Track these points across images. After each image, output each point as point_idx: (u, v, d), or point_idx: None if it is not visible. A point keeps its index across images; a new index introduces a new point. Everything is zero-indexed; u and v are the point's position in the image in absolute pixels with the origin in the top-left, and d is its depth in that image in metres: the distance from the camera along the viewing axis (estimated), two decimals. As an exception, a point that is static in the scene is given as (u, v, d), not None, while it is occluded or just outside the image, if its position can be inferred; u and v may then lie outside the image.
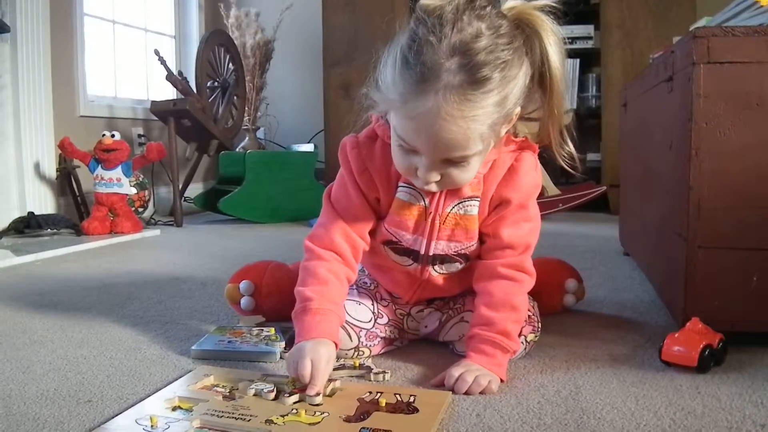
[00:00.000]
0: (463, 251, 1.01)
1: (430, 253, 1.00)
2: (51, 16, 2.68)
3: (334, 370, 0.96)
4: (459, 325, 1.06)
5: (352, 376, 0.97)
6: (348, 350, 1.03)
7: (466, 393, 0.89)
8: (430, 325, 1.10)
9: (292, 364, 0.88)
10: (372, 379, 0.96)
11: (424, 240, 0.99)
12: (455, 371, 0.92)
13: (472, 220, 0.98)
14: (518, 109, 0.89)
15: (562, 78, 0.94)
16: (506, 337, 0.95)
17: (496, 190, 0.97)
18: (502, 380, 0.93)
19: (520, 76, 0.85)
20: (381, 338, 1.07)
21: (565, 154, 0.98)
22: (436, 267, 1.03)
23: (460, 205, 0.97)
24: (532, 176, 0.98)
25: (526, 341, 1.03)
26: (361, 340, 1.03)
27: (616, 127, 2.63)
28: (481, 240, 1.01)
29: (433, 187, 0.90)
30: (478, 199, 0.97)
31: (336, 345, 0.93)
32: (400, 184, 0.97)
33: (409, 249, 1.01)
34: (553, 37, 0.92)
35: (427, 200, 0.97)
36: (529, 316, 1.04)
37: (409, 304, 1.11)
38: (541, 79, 0.92)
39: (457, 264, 1.03)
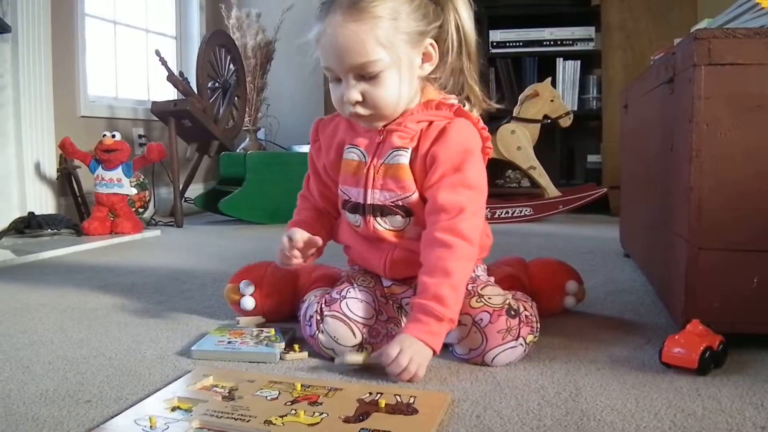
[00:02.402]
0: (399, 202, 1.07)
1: (368, 202, 1.09)
2: (52, 17, 2.69)
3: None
4: (457, 328, 1.04)
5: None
6: (352, 347, 1.03)
7: (398, 376, 0.94)
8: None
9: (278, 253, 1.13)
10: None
11: (362, 190, 1.09)
12: (392, 350, 0.94)
13: (402, 168, 1.06)
14: (430, 41, 1.03)
15: (472, 33, 1.08)
16: (439, 303, 0.97)
17: (429, 147, 1.05)
18: (435, 352, 0.96)
19: (412, 6, 1.00)
20: (383, 335, 1.07)
21: (478, 93, 1.10)
22: (378, 219, 1.09)
23: (391, 156, 1.07)
24: (462, 137, 1.04)
25: (525, 342, 1.03)
26: (364, 336, 1.04)
27: (616, 129, 2.63)
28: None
29: (359, 110, 1.02)
30: (408, 150, 1.06)
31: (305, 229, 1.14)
32: (347, 146, 1.11)
33: (356, 204, 1.11)
34: (460, 1, 1.07)
35: (367, 156, 1.09)
36: (527, 316, 1.04)
37: (397, 295, 1.12)
38: (457, 38, 1.06)
39: (399, 218, 1.08)
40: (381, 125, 1.07)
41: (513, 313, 1.02)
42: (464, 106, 1.10)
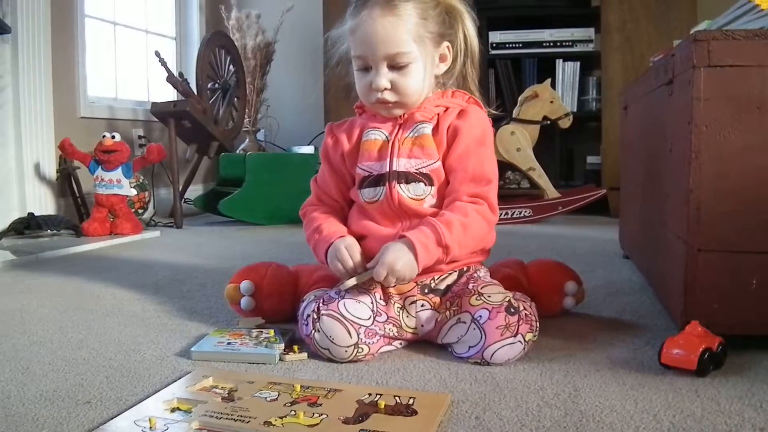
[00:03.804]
0: (424, 169, 1.12)
1: (394, 169, 1.13)
2: (52, 17, 2.69)
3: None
4: (456, 326, 1.06)
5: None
6: (347, 347, 1.03)
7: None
8: (426, 325, 1.10)
9: (335, 263, 1.09)
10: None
11: (387, 160, 1.13)
12: (382, 270, 1.03)
13: (426, 138, 1.13)
14: (447, 44, 1.14)
15: (477, 43, 1.19)
16: (447, 228, 1.05)
17: (450, 122, 1.13)
18: (417, 262, 1.03)
19: (436, 11, 1.12)
20: (380, 336, 1.07)
21: (478, 97, 1.19)
22: (402, 185, 1.12)
23: (415, 130, 1.14)
24: (482, 119, 1.15)
25: (524, 340, 1.03)
26: (360, 337, 1.04)
27: (616, 130, 2.63)
28: (449, 179, 1.13)
29: (387, 95, 1.10)
30: (430, 123, 1.14)
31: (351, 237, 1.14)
32: (367, 130, 1.16)
33: (378, 177, 1.14)
34: (468, 16, 1.17)
35: (388, 134, 1.15)
36: (526, 315, 1.04)
37: (403, 294, 1.11)
38: (465, 46, 1.17)
39: (422, 185, 1.12)
40: (400, 113, 1.14)
41: (512, 310, 1.03)
42: None
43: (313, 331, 1.05)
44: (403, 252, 1.04)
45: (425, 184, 1.12)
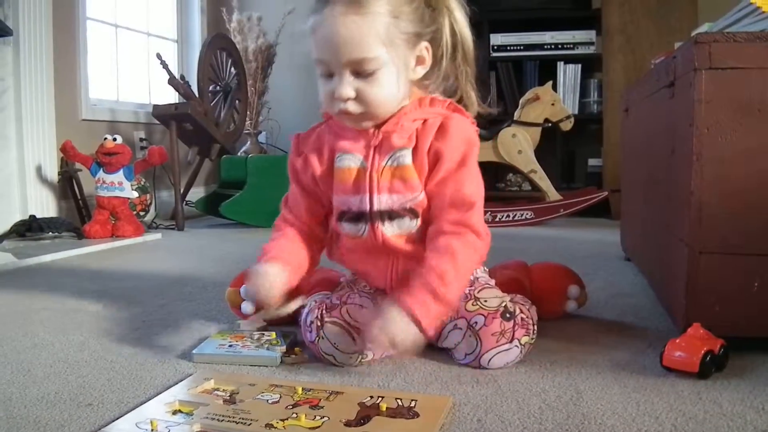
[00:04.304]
0: (408, 204, 1.04)
1: (375, 208, 1.04)
2: (53, 20, 2.69)
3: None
4: (453, 332, 1.06)
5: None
6: (351, 353, 1.03)
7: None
8: (426, 330, 1.09)
9: (247, 286, 1.08)
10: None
11: (366, 195, 1.04)
12: (375, 329, 0.93)
13: (407, 169, 1.03)
14: (425, 44, 1.01)
15: (469, 36, 1.08)
16: (441, 280, 0.95)
17: (431, 144, 1.02)
18: (423, 330, 0.93)
19: (411, 7, 0.98)
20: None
21: (474, 97, 1.10)
22: (386, 224, 1.05)
23: (393, 158, 1.03)
24: (463, 132, 1.03)
25: (520, 344, 1.02)
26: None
27: (617, 133, 2.63)
28: (430, 204, 1.04)
29: (351, 106, 0.98)
30: (409, 149, 1.03)
31: (283, 266, 1.08)
32: (339, 154, 1.06)
33: (359, 213, 1.05)
34: (456, 5, 1.06)
35: (363, 160, 1.05)
36: (522, 319, 1.03)
37: None
38: (453, 42, 1.05)
39: (407, 220, 1.04)
40: (369, 125, 1.04)
41: (508, 316, 1.02)
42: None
43: (318, 338, 1.04)
44: (406, 329, 0.93)
45: (410, 218, 1.05)
